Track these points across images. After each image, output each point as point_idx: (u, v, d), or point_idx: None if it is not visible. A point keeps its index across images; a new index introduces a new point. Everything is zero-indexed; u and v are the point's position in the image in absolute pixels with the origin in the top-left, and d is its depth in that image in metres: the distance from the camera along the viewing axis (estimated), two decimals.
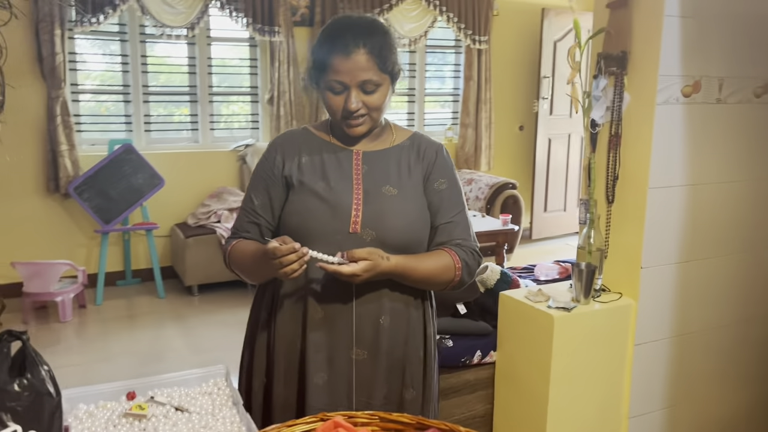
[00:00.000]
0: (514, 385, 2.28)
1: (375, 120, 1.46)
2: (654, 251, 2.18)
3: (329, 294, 1.44)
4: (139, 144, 4.79)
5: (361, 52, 1.37)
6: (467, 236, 1.53)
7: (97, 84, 4.84)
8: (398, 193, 1.47)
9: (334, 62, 1.38)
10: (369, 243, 1.42)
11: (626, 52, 2.13)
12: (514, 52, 6.05)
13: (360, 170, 1.49)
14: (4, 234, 4.42)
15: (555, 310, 2.11)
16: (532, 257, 5.21)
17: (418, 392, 1.56)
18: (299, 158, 1.50)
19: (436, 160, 1.54)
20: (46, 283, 4.06)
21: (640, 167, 2.14)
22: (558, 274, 3.11)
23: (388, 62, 1.41)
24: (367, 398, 1.49)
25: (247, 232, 1.51)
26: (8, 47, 4.22)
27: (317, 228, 1.42)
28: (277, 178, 1.50)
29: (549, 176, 6.12)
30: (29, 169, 4.48)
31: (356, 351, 1.46)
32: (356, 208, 1.44)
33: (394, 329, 1.49)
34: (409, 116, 5.95)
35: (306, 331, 1.45)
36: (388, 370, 1.51)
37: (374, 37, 1.39)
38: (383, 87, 1.42)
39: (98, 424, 1.22)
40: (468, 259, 1.50)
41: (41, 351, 3.79)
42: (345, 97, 1.40)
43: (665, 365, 2.32)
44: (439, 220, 1.52)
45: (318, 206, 1.44)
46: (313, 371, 1.46)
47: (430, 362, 1.59)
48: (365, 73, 1.38)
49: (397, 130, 1.58)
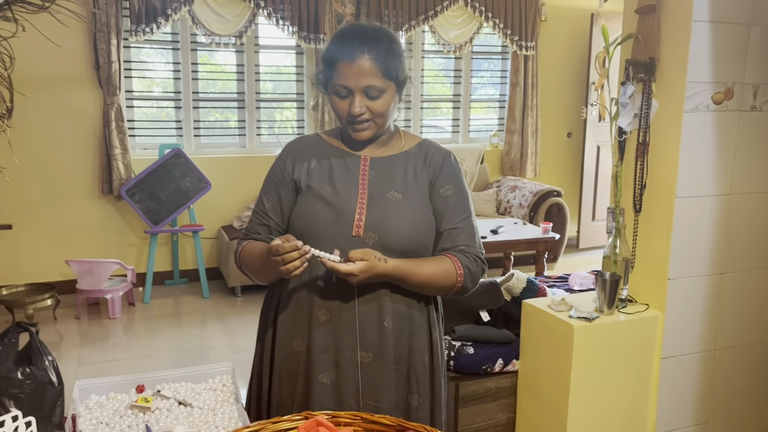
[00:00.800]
0: (536, 395, 2.26)
1: (380, 126, 1.49)
2: (682, 262, 2.12)
3: (332, 294, 1.47)
4: (188, 148, 4.96)
5: (365, 58, 1.41)
6: (472, 243, 1.54)
7: (150, 90, 5.04)
8: (402, 198, 1.49)
9: (339, 67, 1.43)
10: (371, 246, 1.44)
11: (654, 58, 2.09)
12: (562, 58, 5.97)
13: (366, 175, 1.52)
14: (61, 233, 4.65)
15: (576, 319, 2.08)
16: (577, 266, 5.11)
17: (425, 399, 1.56)
18: (308, 163, 1.54)
19: (443, 167, 1.55)
20: (97, 281, 4.26)
21: (668, 176, 2.09)
22: (593, 283, 3.04)
23: (393, 69, 1.44)
24: (375, 402, 1.50)
25: (257, 233, 1.56)
26: (69, 56, 4.47)
27: (321, 230, 1.46)
28: (287, 181, 1.55)
29: (597, 184, 5.99)
30: (85, 172, 4.70)
31: (362, 354, 1.48)
32: (360, 212, 1.47)
33: (398, 332, 1.50)
34: (453, 122, 5.94)
35: (311, 332, 1.48)
36: (394, 374, 1.52)
37: (379, 44, 1.43)
38: (387, 93, 1.45)
39: (105, 414, 1.29)
40: (471, 266, 1.50)
41: (91, 345, 3.97)
42: (349, 102, 1.44)
43: (695, 380, 2.24)
44: (444, 225, 1.52)
45: (323, 209, 1.48)
46: (318, 371, 1.48)
47: (437, 368, 1.58)
48: (369, 78, 1.42)
49: (406, 137, 1.60)
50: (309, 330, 1.49)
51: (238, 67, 5.11)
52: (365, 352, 1.48)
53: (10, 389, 1.05)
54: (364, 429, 1.08)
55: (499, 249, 4.55)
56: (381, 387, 1.50)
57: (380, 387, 1.50)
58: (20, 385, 1.06)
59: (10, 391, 1.05)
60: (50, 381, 1.10)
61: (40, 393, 1.08)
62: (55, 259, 4.60)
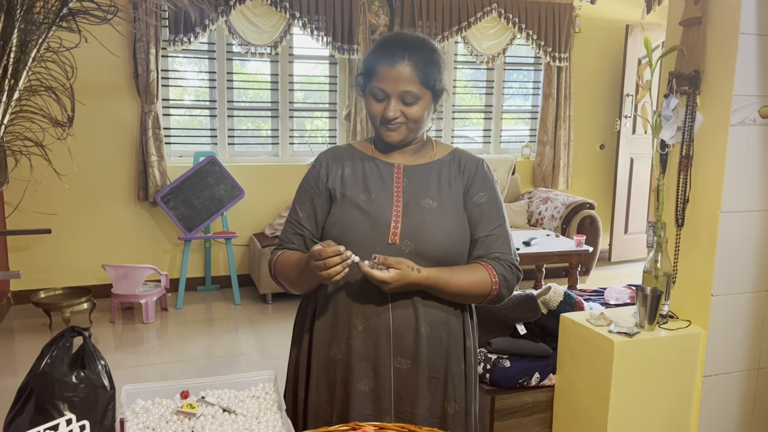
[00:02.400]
0: (573, 410, 2.23)
1: (412, 131, 1.50)
2: (726, 278, 2.08)
3: (368, 300, 1.47)
4: (222, 156, 5.03)
5: (405, 64, 1.43)
6: (507, 250, 1.53)
7: (185, 99, 5.12)
8: (437, 207, 1.50)
9: (379, 70, 1.45)
10: (407, 254, 1.44)
11: (699, 71, 2.06)
12: (595, 70, 5.92)
13: (401, 183, 1.52)
14: (97, 238, 4.74)
15: (616, 335, 2.05)
16: (609, 280, 5.05)
17: (461, 406, 1.56)
18: (342, 171, 1.55)
19: (476, 174, 1.56)
20: (132, 286, 4.32)
21: (713, 190, 2.05)
22: (629, 298, 3.00)
23: (431, 78, 1.46)
24: (411, 408, 1.49)
25: (291, 243, 1.56)
26: (110, 65, 4.56)
27: (357, 238, 1.46)
28: (321, 190, 1.56)
29: (630, 197, 5.91)
30: (122, 179, 4.79)
31: (399, 360, 1.48)
32: (395, 220, 1.47)
33: (435, 339, 1.50)
34: (485, 133, 5.92)
35: (349, 340, 1.49)
36: (430, 381, 1.52)
37: (420, 52, 1.45)
38: (423, 101, 1.47)
39: (152, 419, 1.30)
40: (506, 274, 1.50)
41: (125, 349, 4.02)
42: (385, 105, 1.46)
43: (738, 400, 2.19)
44: (478, 233, 1.52)
45: (359, 217, 1.48)
46: (357, 378, 1.49)
47: (470, 376, 1.58)
48: (407, 84, 1.43)
49: (438, 146, 1.61)
50: (347, 338, 1.49)
51: (272, 76, 5.16)
52: (402, 358, 1.49)
53: (64, 392, 1.07)
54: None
55: (531, 261, 4.51)
56: (417, 394, 1.50)
57: (416, 394, 1.50)
58: (74, 389, 1.08)
59: (64, 395, 1.07)
60: (103, 385, 1.12)
61: (93, 397, 1.10)
62: (91, 264, 4.68)
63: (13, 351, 3.91)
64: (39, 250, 4.62)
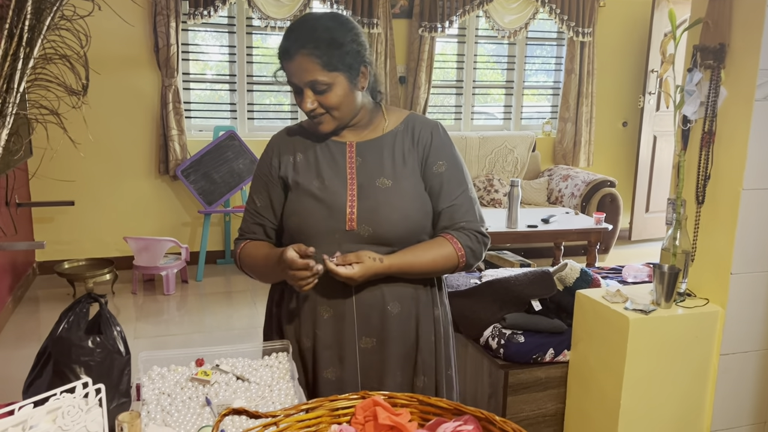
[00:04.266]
0: (587, 386, 2.23)
1: (339, 118, 1.45)
2: (746, 257, 2.05)
3: (332, 290, 1.46)
4: (242, 131, 5.04)
5: (301, 54, 1.37)
6: (472, 217, 1.50)
7: (205, 73, 5.13)
8: (392, 185, 1.46)
9: (284, 65, 1.42)
10: (366, 239, 1.43)
11: (725, 44, 2.01)
12: (620, 45, 5.80)
13: (354, 163, 1.49)
14: (119, 211, 4.81)
15: (632, 312, 2.04)
16: (628, 259, 5.00)
17: (430, 380, 1.55)
18: (294, 157, 1.51)
19: (432, 142, 1.51)
20: (153, 258, 4.39)
21: (735, 167, 2.01)
22: (647, 276, 2.97)
23: (334, 60, 1.38)
24: (379, 386, 1.48)
25: (253, 233, 1.55)
26: (130, 38, 4.58)
27: (315, 227, 1.45)
28: (275, 179, 1.52)
29: (653, 175, 5.82)
30: (143, 152, 4.84)
31: (364, 340, 1.48)
32: (351, 205, 1.45)
33: (405, 315, 1.49)
34: (506, 109, 5.86)
35: (315, 330, 1.49)
36: (401, 357, 1.51)
37: (312, 37, 1.37)
38: (337, 85, 1.40)
39: (167, 385, 1.32)
40: (471, 244, 1.48)
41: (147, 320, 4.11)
42: (302, 98, 1.42)
43: (754, 379, 2.17)
44: (441, 204, 1.49)
45: (314, 206, 1.46)
46: (323, 367, 1.49)
47: (440, 347, 1.56)
48: (309, 74, 1.38)
49: (391, 115, 1.55)
50: (314, 327, 1.50)
51: None
52: (367, 338, 1.48)
53: (81, 357, 1.09)
54: (420, 411, 1.09)
55: (549, 238, 4.48)
56: (385, 371, 1.50)
57: (383, 371, 1.50)
58: (90, 353, 1.11)
59: (81, 359, 1.09)
60: (118, 350, 1.14)
61: (109, 361, 1.12)
62: (113, 236, 4.76)
63: (38, 319, 4.01)
64: (62, 222, 4.70)
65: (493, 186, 5.30)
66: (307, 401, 1.08)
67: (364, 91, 1.49)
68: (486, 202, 5.25)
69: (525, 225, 4.23)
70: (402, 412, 1.07)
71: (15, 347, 3.53)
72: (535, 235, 4.26)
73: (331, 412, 1.06)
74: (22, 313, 4.03)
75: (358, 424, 1.05)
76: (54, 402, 0.91)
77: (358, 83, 1.45)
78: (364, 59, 1.45)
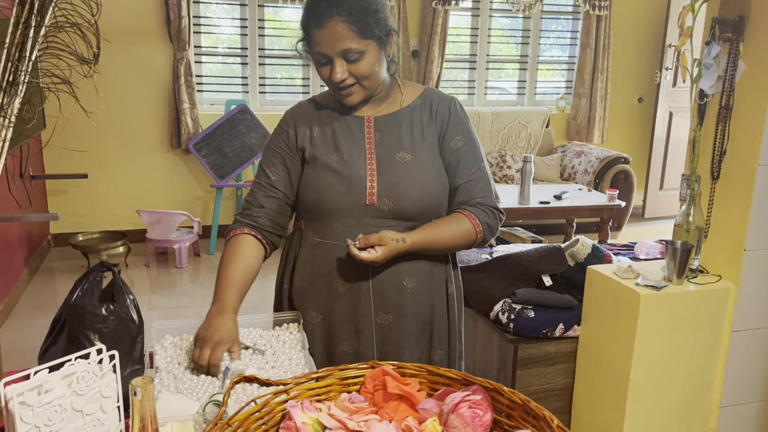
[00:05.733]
0: (597, 361, 2.23)
1: (368, 88, 1.43)
2: (760, 233, 2.03)
3: (348, 265, 1.45)
4: (253, 105, 5.03)
5: (335, 21, 1.32)
6: (488, 193, 1.50)
7: (217, 46, 5.11)
8: (412, 159, 1.45)
9: (312, 34, 1.35)
10: (386, 213, 1.42)
11: (744, 16, 1.97)
12: (637, 19, 5.70)
13: (372, 138, 1.47)
14: (132, 184, 4.84)
15: (643, 287, 2.03)
16: (642, 236, 4.98)
17: (445, 353, 1.57)
18: (311, 131, 1.49)
19: (450, 117, 1.50)
20: (166, 231, 4.42)
21: (752, 142, 1.99)
22: (660, 253, 2.96)
23: (369, 27, 1.35)
24: (396, 360, 1.50)
25: (261, 206, 1.49)
26: (142, 10, 4.57)
27: (334, 203, 1.43)
28: (293, 151, 1.50)
29: (668, 152, 5.76)
30: (155, 125, 4.84)
31: (381, 315, 1.48)
32: (371, 179, 1.43)
33: (420, 291, 1.50)
34: (520, 84, 5.80)
35: (331, 303, 1.49)
36: (418, 333, 1.52)
37: (347, 3, 1.32)
38: (369, 54, 1.37)
39: (179, 353, 1.34)
40: (489, 220, 1.48)
41: (160, 291, 4.14)
42: (330, 68, 1.37)
43: (766, 355, 2.17)
44: (458, 180, 1.48)
45: (332, 180, 1.43)
46: (339, 340, 1.50)
47: (454, 322, 1.58)
48: (344, 42, 1.33)
49: (407, 89, 1.53)
50: (329, 301, 1.49)
51: None
52: (384, 314, 1.48)
53: (95, 324, 1.11)
54: (429, 381, 1.10)
55: (561, 215, 4.46)
56: (402, 347, 1.50)
57: (400, 347, 1.50)
58: (104, 321, 1.12)
59: (95, 326, 1.11)
60: (131, 318, 1.16)
61: (123, 329, 1.14)
62: (126, 209, 4.80)
63: (54, 290, 4.06)
64: (76, 195, 4.74)
65: (505, 162, 5.27)
66: (318, 370, 1.09)
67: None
68: (498, 178, 5.22)
69: (537, 201, 4.21)
70: (411, 381, 1.08)
71: (31, 317, 3.59)
72: (547, 212, 4.25)
73: (341, 381, 1.07)
74: (37, 284, 4.09)
75: (368, 393, 1.06)
76: (69, 367, 0.93)
77: (388, 51, 1.43)
78: (391, 28, 1.42)
